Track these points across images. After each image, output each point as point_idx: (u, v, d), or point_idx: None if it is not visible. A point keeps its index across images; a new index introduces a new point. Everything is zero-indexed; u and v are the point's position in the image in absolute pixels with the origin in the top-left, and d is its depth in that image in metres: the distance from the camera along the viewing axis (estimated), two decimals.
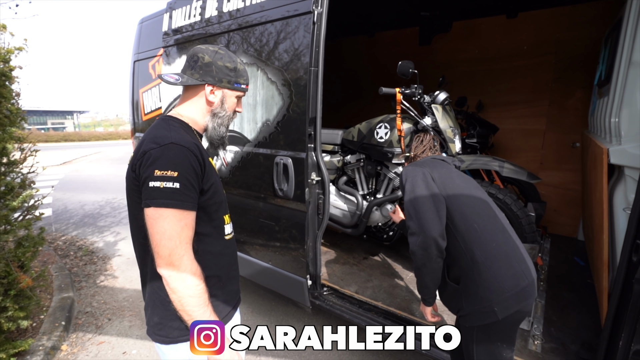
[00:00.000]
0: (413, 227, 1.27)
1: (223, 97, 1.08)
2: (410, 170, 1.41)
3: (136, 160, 0.92)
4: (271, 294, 2.62)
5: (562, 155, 3.23)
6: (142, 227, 0.93)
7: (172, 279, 0.89)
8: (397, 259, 2.81)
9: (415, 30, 3.85)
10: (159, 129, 0.96)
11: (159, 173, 0.88)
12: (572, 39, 2.99)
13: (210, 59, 1.03)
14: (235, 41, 2.22)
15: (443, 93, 2.19)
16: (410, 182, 1.35)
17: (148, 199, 0.88)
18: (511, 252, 1.23)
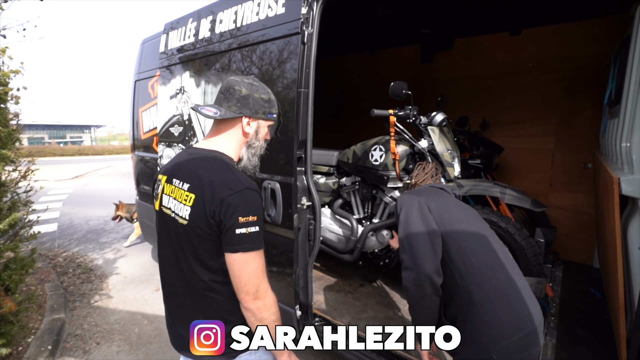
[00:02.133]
0: (406, 261, 1.21)
1: (258, 128, 1.12)
2: (405, 199, 1.33)
3: (214, 207, 0.95)
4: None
5: (573, 176, 3.06)
6: (205, 265, 1.01)
7: (260, 311, 0.99)
8: (395, 286, 2.67)
9: (417, 48, 3.79)
10: (225, 172, 1.01)
11: (243, 220, 0.94)
12: (580, 56, 2.87)
13: (248, 91, 1.07)
14: (224, 63, 2.18)
15: (440, 114, 2.09)
16: (405, 212, 1.28)
17: (236, 244, 0.95)
18: (513, 292, 1.11)
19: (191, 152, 1.10)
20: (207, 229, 0.97)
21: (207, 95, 2.33)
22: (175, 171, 1.08)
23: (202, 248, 1.00)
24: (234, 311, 1.05)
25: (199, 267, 1.02)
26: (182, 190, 1.02)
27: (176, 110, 2.63)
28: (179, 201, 1.02)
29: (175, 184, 1.05)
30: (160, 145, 2.84)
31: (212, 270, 1.02)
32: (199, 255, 1.01)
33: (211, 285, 1.03)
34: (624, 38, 1.87)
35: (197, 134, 2.44)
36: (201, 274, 1.02)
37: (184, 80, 2.54)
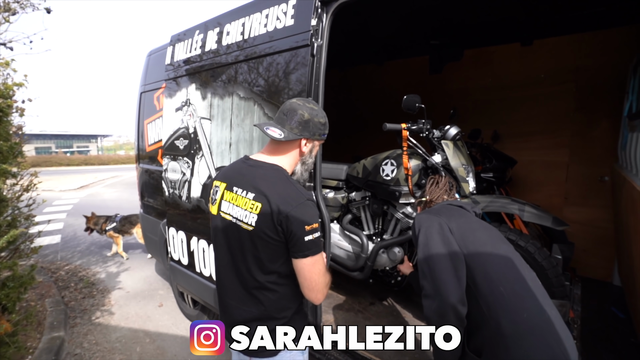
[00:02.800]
0: (428, 289, 1.12)
1: (312, 147, 1.25)
2: (424, 220, 1.24)
3: (282, 217, 1.07)
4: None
5: (589, 189, 2.95)
6: (263, 266, 1.13)
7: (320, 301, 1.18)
8: (407, 305, 2.56)
9: (425, 59, 3.74)
10: (288, 185, 1.14)
11: (309, 228, 1.08)
12: (594, 67, 2.80)
13: (310, 116, 1.19)
14: (232, 75, 2.13)
15: (454, 127, 2.02)
16: (425, 234, 1.19)
17: (306, 250, 1.08)
18: (546, 326, 1.00)
19: (251, 163, 1.21)
20: (274, 235, 1.10)
21: (214, 108, 2.28)
22: (236, 180, 1.19)
23: (264, 252, 1.12)
24: (283, 309, 1.18)
25: (257, 269, 1.14)
26: (246, 199, 1.13)
27: (181, 123, 2.58)
28: (243, 209, 1.13)
29: (238, 192, 1.16)
30: (165, 158, 2.79)
31: (268, 271, 1.14)
32: (260, 258, 1.13)
33: (266, 285, 1.15)
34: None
35: (202, 148, 2.38)
36: (257, 275, 1.14)
37: (189, 92, 2.50)
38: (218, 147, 2.25)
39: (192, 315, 3.17)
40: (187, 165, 2.54)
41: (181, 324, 3.20)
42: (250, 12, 2.04)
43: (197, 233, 2.51)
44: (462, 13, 2.53)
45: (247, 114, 2.04)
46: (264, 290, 1.15)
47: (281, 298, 1.17)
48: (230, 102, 2.15)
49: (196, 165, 2.46)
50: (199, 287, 2.63)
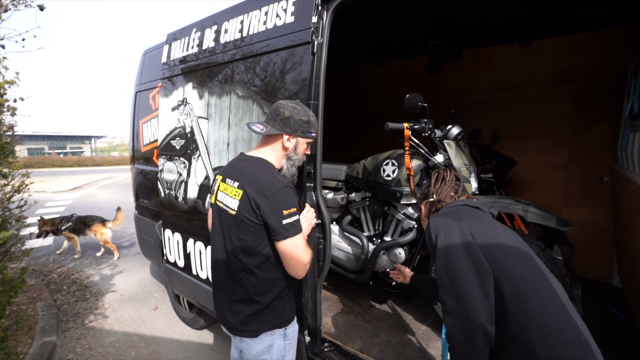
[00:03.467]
0: (450, 305, 0.98)
1: (296, 144, 1.35)
2: (442, 225, 1.09)
3: (259, 202, 1.20)
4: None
5: (588, 190, 2.95)
6: (246, 248, 1.26)
7: (302, 277, 1.31)
8: (407, 307, 2.53)
9: (424, 60, 3.72)
10: (267, 174, 1.27)
11: (286, 212, 1.20)
12: (593, 67, 2.80)
13: (290, 113, 1.30)
14: (230, 74, 2.09)
15: (456, 127, 2.00)
16: (444, 241, 1.04)
17: (285, 232, 1.21)
18: (584, 348, 0.89)
19: (242, 158, 1.37)
20: (253, 218, 1.22)
21: (211, 107, 2.23)
22: (229, 173, 1.34)
23: (246, 234, 1.24)
24: (262, 293, 1.29)
25: (241, 251, 1.26)
26: (232, 187, 1.28)
27: (178, 122, 2.53)
28: (230, 196, 1.28)
29: (228, 182, 1.31)
30: (160, 159, 2.73)
31: (251, 254, 1.26)
32: (243, 239, 1.25)
33: (248, 267, 1.27)
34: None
35: (199, 147, 2.34)
36: (241, 257, 1.27)
37: (186, 91, 2.45)
38: (215, 147, 2.20)
39: (188, 319, 3.11)
40: (184, 165, 2.49)
41: (177, 327, 3.14)
42: (249, 9, 2.01)
43: (193, 235, 2.45)
44: (459, 8, 2.51)
45: (246, 113, 2.00)
46: (246, 273, 1.28)
47: (260, 282, 1.28)
48: (228, 101, 2.11)
49: (193, 166, 2.41)
50: (195, 290, 2.58)
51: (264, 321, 1.32)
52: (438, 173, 1.37)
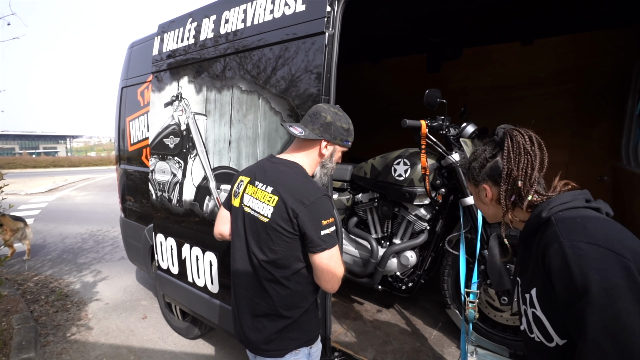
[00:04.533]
0: None
1: (333, 151, 1.28)
2: (594, 258, 0.68)
3: (298, 210, 1.12)
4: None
5: (588, 189, 2.94)
6: (278, 259, 1.17)
7: (335, 290, 1.22)
8: (416, 311, 2.44)
9: (423, 57, 3.67)
10: (305, 180, 1.19)
11: (325, 223, 1.12)
12: (595, 67, 2.80)
13: (332, 119, 1.23)
14: (232, 66, 1.95)
15: (471, 125, 1.93)
16: (601, 284, 0.66)
17: (323, 244, 1.12)
18: None
19: (274, 161, 1.26)
20: (288, 227, 1.14)
21: (210, 103, 2.08)
22: (259, 175, 1.24)
23: (279, 244, 1.15)
24: (291, 307, 1.20)
25: (270, 261, 1.17)
26: (265, 192, 1.18)
27: (172, 119, 2.36)
28: (261, 201, 1.18)
29: (259, 186, 1.21)
30: (152, 158, 2.55)
31: (282, 265, 1.17)
32: (274, 250, 1.16)
33: (279, 279, 1.18)
34: None
35: (196, 146, 2.18)
36: (269, 267, 1.18)
37: (181, 86, 2.28)
38: (215, 146, 2.05)
39: (181, 328, 2.93)
40: (179, 165, 2.33)
41: (168, 337, 2.95)
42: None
43: (189, 240, 2.29)
44: (460, 3, 2.46)
45: (250, 108, 1.86)
46: (276, 284, 1.19)
47: (291, 295, 1.19)
48: (229, 96, 1.96)
49: (189, 166, 2.25)
50: (190, 298, 2.42)
51: (290, 338, 1.22)
52: (511, 137, 0.87)
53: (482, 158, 0.96)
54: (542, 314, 0.79)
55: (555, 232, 0.75)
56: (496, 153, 0.92)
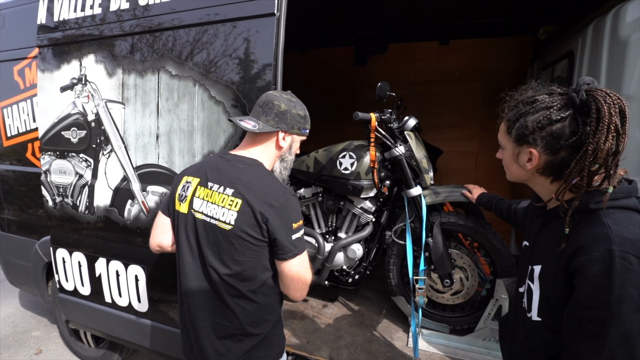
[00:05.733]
0: None
1: (292, 142, 1.17)
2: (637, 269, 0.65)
3: (268, 214, 0.99)
4: None
5: (493, 176, 3.41)
6: (243, 272, 1.03)
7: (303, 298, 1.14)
8: (360, 301, 2.49)
9: (350, 50, 3.72)
10: (272, 180, 1.07)
11: (296, 226, 1.04)
12: (498, 68, 3.20)
13: (286, 107, 1.11)
14: (158, 46, 1.64)
15: (413, 118, 2.00)
16: (637, 293, 0.64)
17: (294, 249, 1.03)
18: None
19: (229, 158, 1.10)
20: (257, 234, 1.01)
21: (128, 89, 1.73)
22: (212, 175, 1.08)
23: (244, 254, 1.02)
24: (259, 323, 1.08)
25: (234, 274, 1.03)
26: (224, 195, 1.03)
27: (73, 107, 1.91)
28: (220, 206, 1.03)
29: (213, 188, 1.06)
30: (45, 156, 2.04)
31: (249, 278, 1.04)
32: (239, 261, 1.02)
33: (245, 293, 1.04)
34: (564, 53, 2.08)
35: (112, 141, 1.80)
36: (235, 282, 1.04)
37: (85, 66, 1.86)
38: (138, 140, 1.72)
39: (95, 357, 2.47)
40: (87, 164, 1.90)
41: None
42: None
43: (106, 253, 1.92)
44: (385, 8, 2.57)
45: (184, 97, 1.60)
46: (241, 300, 1.05)
47: (259, 309, 1.08)
48: (155, 81, 1.66)
49: (102, 164, 1.86)
50: (108, 322, 2.05)
51: (260, 357, 1.11)
52: (603, 106, 0.68)
53: (545, 117, 0.75)
54: (536, 289, 0.82)
55: (607, 235, 0.68)
56: (568, 116, 0.73)
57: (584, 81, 0.73)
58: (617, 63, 1.49)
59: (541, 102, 0.77)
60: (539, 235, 0.88)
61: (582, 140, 0.71)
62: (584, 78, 0.73)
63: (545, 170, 0.79)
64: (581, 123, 0.72)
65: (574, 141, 0.72)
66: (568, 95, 0.74)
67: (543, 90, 0.81)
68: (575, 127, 0.73)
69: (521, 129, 0.79)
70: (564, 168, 0.75)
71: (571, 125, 0.73)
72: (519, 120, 0.80)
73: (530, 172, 0.82)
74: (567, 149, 0.74)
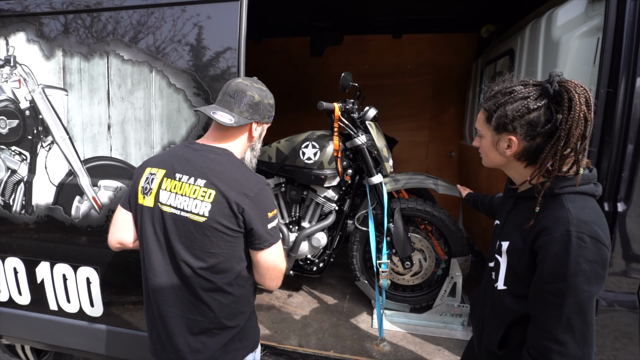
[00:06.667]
0: (572, 349, 0.77)
1: (262, 132, 1.16)
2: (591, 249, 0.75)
3: (244, 204, 0.98)
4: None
5: (442, 163, 3.66)
6: (219, 264, 1.01)
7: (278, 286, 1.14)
8: (324, 289, 2.55)
9: (306, 40, 3.70)
10: (245, 170, 1.05)
11: (271, 215, 1.03)
12: (446, 63, 3.42)
13: (259, 97, 1.09)
14: (107, 28, 1.50)
15: (373, 109, 2.07)
16: (590, 273, 0.74)
17: (270, 239, 1.03)
18: None
19: (197, 148, 1.06)
20: (232, 225, 0.99)
21: (71, 74, 1.57)
22: (179, 166, 1.04)
23: (219, 246, 1.00)
24: (235, 315, 1.06)
25: (210, 267, 1.01)
26: (195, 186, 1.00)
27: (1, 92, 1.67)
28: (191, 197, 0.99)
29: (182, 179, 1.02)
30: None
31: (224, 270, 1.02)
32: (214, 253, 1.00)
33: (221, 286, 1.03)
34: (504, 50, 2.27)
35: (53, 131, 1.62)
36: (210, 275, 1.02)
37: (13, 46, 1.64)
38: (86, 131, 1.58)
39: None
40: (20, 158, 1.70)
41: None
42: None
43: (49, 257, 1.74)
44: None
45: (139, 84, 1.49)
46: (217, 293, 1.03)
47: (235, 302, 1.06)
48: (104, 65, 1.52)
49: (41, 158, 1.67)
50: (54, 331, 1.88)
51: (237, 349, 1.09)
52: (575, 95, 0.76)
53: (523, 106, 0.80)
54: (504, 262, 0.92)
55: (566, 218, 0.76)
56: (543, 106, 0.80)
57: (555, 73, 0.80)
58: (551, 61, 1.67)
59: (518, 92, 0.83)
60: (509, 214, 0.97)
61: (556, 126, 0.78)
62: (555, 70, 0.80)
63: (522, 156, 0.85)
64: (554, 111, 0.79)
65: (549, 128, 0.79)
66: (542, 86, 0.81)
67: (517, 81, 0.87)
68: (550, 115, 0.80)
69: (501, 118, 0.83)
70: (539, 153, 0.82)
71: (546, 114, 0.80)
72: (499, 109, 0.84)
73: (508, 158, 0.88)
74: (542, 135, 0.81)
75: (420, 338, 1.98)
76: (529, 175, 0.85)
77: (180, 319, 1.04)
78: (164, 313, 1.05)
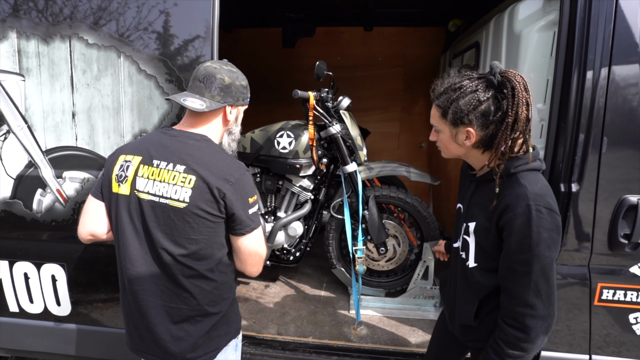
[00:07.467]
0: (541, 310, 0.85)
1: (237, 114, 1.15)
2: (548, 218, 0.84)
3: (226, 189, 0.97)
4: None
5: (413, 154, 3.77)
6: (200, 251, 1.00)
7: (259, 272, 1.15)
8: (301, 278, 2.58)
9: (278, 31, 3.66)
10: (225, 155, 1.05)
11: (251, 200, 1.04)
12: (415, 55, 3.51)
13: (230, 80, 1.07)
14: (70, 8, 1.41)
15: (347, 98, 2.10)
16: (549, 240, 0.84)
17: (252, 224, 1.04)
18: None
19: (174, 134, 1.05)
20: (214, 211, 0.99)
21: (28, 58, 1.47)
22: (157, 152, 1.02)
23: (200, 232, 0.99)
24: (217, 301, 1.07)
25: (191, 254, 1.00)
26: (174, 172, 0.98)
27: None
28: (171, 184, 0.98)
29: (161, 165, 1.00)
30: None
31: (205, 256, 1.02)
32: (195, 240, 0.99)
33: (203, 273, 1.02)
34: (470, 44, 2.38)
35: (8, 120, 1.52)
36: (191, 262, 1.01)
37: None
38: (47, 119, 1.49)
39: None
40: None
41: None
42: None
43: (7, 255, 1.64)
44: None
45: (106, 69, 1.43)
46: (199, 280, 1.03)
47: (217, 288, 1.06)
48: (66, 50, 1.44)
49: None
50: (16, 334, 1.78)
51: (220, 335, 1.10)
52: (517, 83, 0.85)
53: (474, 99, 0.87)
54: (472, 241, 1.00)
55: (524, 194, 0.85)
56: (491, 96, 0.87)
57: (496, 65, 0.88)
58: (513, 53, 1.77)
59: (467, 87, 0.89)
60: (472, 198, 1.05)
61: (505, 113, 0.87)
62: (496, 63, 0.88)
63: (479, 144, 0.93)
64: (500, 99, 0.87)
65: (500, 115, 0.88)
66: (486, 79, 0.89)
67: (461, 76, 0.94)
68: (497, 104, 0.88)
69: (457, 113, 0.90)
70: (493, 139, 0.90)
71: (495, 103, 0.88)
72: (452, 104, 0.90)
73: (467, 148, 0.95)
74: (495, 123, 0.89)
75: (396, 320, 2.06)
76: (487, 159, 0.94)
77: (161, 308, 1.03)
78: (143, 303, 1.03)
